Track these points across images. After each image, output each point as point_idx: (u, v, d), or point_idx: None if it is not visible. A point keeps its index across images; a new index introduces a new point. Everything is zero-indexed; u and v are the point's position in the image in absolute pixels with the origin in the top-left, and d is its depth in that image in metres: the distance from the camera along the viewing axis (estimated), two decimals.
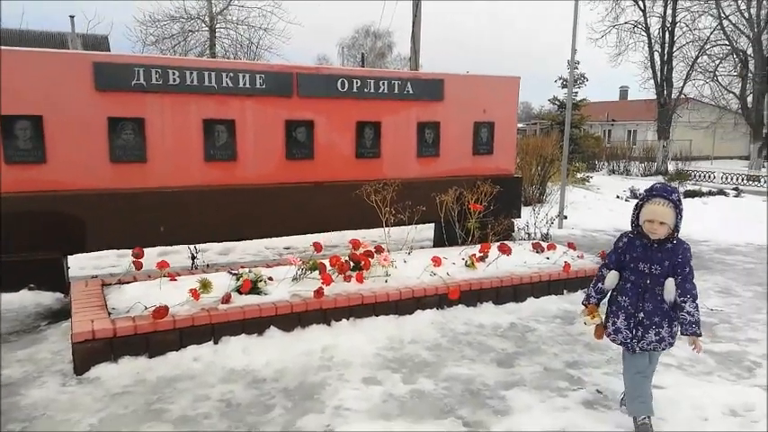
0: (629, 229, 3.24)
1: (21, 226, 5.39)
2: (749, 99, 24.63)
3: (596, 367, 4.20)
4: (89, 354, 3.85)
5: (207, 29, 19.50)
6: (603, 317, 3.36)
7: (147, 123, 5.91)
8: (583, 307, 3.41)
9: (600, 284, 3.30)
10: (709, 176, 20.87)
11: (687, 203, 13.86)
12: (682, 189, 15.53)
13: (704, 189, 15.59)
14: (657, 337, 3.14)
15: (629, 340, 3.19)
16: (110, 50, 22.11)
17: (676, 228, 3.05)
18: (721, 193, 15.29)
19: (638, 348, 3.17)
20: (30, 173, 5.50)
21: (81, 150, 5.68)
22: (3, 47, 5.57)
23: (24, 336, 4.61)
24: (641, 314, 3.13)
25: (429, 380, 3.93)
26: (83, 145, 5.68)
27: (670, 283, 3.04)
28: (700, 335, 3.08)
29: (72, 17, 20.73)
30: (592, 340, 4.68)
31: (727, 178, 20.31)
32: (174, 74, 5.96)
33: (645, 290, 3.12)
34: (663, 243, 3.08)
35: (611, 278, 3.24)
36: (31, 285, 5.45)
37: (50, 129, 5.53)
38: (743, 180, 19.79)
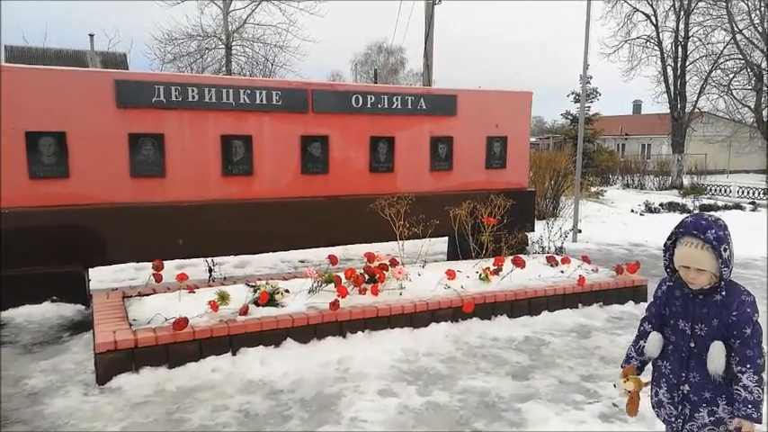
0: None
1: (44, 239, 5.53)
2: (765, 113, 24.43)
3: (612, 381, 4.18)
4: (111, 364, 3.93)
5: (223, 46, 19.85)
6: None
7: (166, 139, 6.05)
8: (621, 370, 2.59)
9: (642, 343, 2.53)
10: (725, 190, 20.69)
11: None
12: (697, 203, 15.38)
13: (720, 203, 15.48)
14: (713, 419, 2.33)
15: (673, 419, 2.43)
16: (128, 68, 22.57)
17: (722, 273, 2.28)
18: (738, 207, 15.19)
19: (684, 431, 2.42)
20: (53, 187, 5.66)
21: (103, 165, 5.83)
22: (27, 66, 5.77)
23: (47, 346, 4.71)
24: (686, 387, 2.38)
25: (444, 392, 3.95)
26: (104, 160, 5.83)
27: (716, 349, 2.29)
28: (758, 421, 2.22)
29: (92, 35, 21.31)
30: (607, 354, 4.69)
31: (743, 192, 20.11)
32: (192, 91, 6.11)
33: (689, 355, 2.37)
34: (710, 293, 2.33)
35: (654, 342, 2.46)
36: (54, 297, 5.58)
37: (73, 144, 5.69)
38: (759, 194, 19.58)
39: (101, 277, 6.59)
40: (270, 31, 20.49)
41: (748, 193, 19.94)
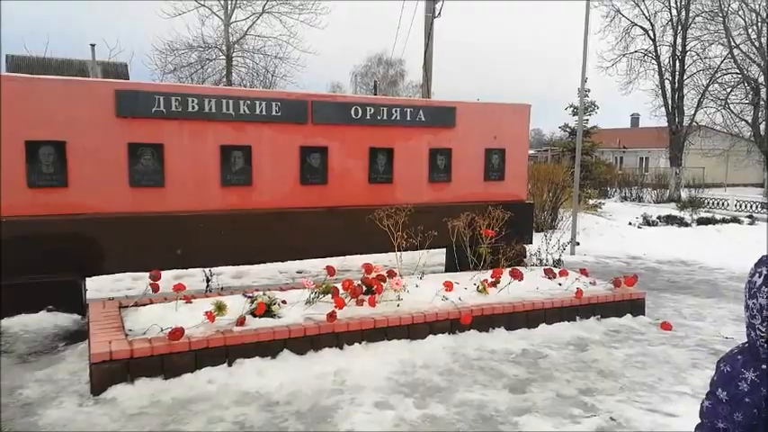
0: (738, 347, 1.66)
1: (41, 248, 5.51)
2: (762, 127, 24.57)
3: (610, 394, 4.17)
4: (106, 374, 3.90)
5: (224, 57, 19.98)
6: None
7: (165, 149, 6.06)
8: None
9: None
10: (723, 204, 20.74)
11: (701, 231, 13.66)
12: (695, 216, 15.35)
13: (718, 216, 15.49)
14: None
15: None
16: (129, 78, 22.65)
17: None
18: (735, 220, 15.20)
19: None
20: (51, 196, 5.65)
21: (101, 175, 5.83)
22: (28, 75, 5.79)
23: (43, 356, 4.69)
24: None
25: (441, 405, 3.93)
26: (103, 170, 5.83)
27: None
28: None
29: (93, 45, 21.35)
30: (605, 367, 4.67)
31: (740, 206, 20.16)
32: (192, 101, 6.13)
33: None
34: None
35: None
36: (50, 307, 5.55)
37: (73, 154, 5.69)
38: (757, 207, 19.63)
39: (98, 286, 6.57)
40: (270, 42, 20.69)
41: (746, 206, 19.99)
